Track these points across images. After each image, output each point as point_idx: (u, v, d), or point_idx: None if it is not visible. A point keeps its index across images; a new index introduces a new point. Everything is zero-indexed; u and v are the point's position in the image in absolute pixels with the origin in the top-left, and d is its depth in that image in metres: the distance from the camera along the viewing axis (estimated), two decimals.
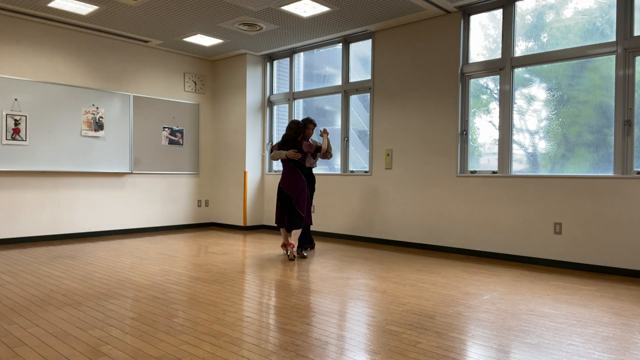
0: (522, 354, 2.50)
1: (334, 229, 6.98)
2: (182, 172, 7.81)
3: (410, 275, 4.40)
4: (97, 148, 6.75)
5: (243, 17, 5.94)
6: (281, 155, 5.28)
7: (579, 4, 4.94)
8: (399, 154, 6.24)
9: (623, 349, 2.59)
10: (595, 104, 4.85)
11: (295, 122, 5.40)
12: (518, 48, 5.35)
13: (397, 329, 2.88)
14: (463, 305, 3.42)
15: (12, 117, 5.98)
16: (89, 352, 2.46)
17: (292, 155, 5.23)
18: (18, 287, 3.85)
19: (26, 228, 6.21)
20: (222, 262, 4.96)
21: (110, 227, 7.01)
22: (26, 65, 6.21)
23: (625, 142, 4.59)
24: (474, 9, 5.58)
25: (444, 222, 5.80)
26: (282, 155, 5.27)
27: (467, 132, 5.70)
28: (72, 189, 6.61)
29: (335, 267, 4.76)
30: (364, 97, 6.86)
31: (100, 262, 4.90)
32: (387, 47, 6.35)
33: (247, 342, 2.62)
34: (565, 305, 3.45)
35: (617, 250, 4.55)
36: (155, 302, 3.42)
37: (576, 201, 4.79)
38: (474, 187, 5.54)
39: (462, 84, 5.71)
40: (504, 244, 5.29)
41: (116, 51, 7.05)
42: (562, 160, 5.06)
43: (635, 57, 4.57)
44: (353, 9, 5.61)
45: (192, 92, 8.02)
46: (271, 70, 8.04)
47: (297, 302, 3.46)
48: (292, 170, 5.31)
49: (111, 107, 6.92)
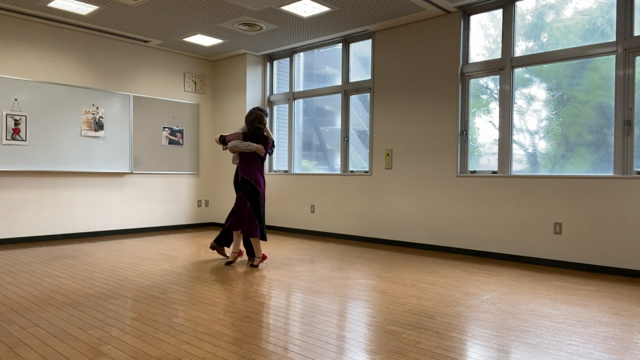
0: (522, 354, 2.50)
1: (334, 229, 6.98)
2: (182, 172, 7.81)
3: (410, 275, 4.40)
4: (97, 148, 6.75)
5: (243, 17, 5.94)
6: (250, 148, 4.74)
7: (579, 4, 4.94)
8: (399, 154, 6.24)
9: (623, 349, 2.58)
10: (595, 104, 4.85)
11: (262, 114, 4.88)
12: (518, 48, 5.35)
13: (397, 329, 2.88)
14: (463, 305, 3.42)
15: (12, 117, 5.98)
16: (89, 352, 2.46)
17: (261, 150, 4.77)
18: (18, 287, 3.85)
19: (26, 228, 6.21)
20: (222, 262, 4.96)
21: (110, 227, 7.01)
22: (26, 65, 6.21)
23: (625, 142, 4.59)
24: (474, 9, 5.58)
25: (444, 222, 5.80)
26: (252, 148, 4.74)
27: (467, 132, 5.70)
28: (72, 189, 6.61)
29: (335, 267, 4.76)
30: (364, 97, 6.86)
31: (100, 262, 4.90)
32: (387, 47, 6.34)
33: (247, 342, 2.62)
34: (565, 305, 3.45)
35: (617, 250, 4.55)
36: (155, 302, 3.42)
37: (576, 201, 4.79)
38: (474, 187, 5.54)
39: (462, 84, 5.71)
40: (504, 244, 5.29)
41: (116, 51, 7.05)
42: (562, 160, 5.06)
43: (635, 57, 4.57)
44: (353, 9, 5.61)
45: (192, 92, 8.02)
46: (271, 70, 8.04)
47: (297, 302, 3.46)
48: (256, 167, 4.81)
49: (111, 107, 6.92)
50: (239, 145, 4.74)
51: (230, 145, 4.78)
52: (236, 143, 4.75)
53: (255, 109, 4.92)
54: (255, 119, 4.83)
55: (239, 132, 4.91)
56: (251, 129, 4.83)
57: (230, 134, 4.92)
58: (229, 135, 4.91)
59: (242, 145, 4.74)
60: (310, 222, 7.30)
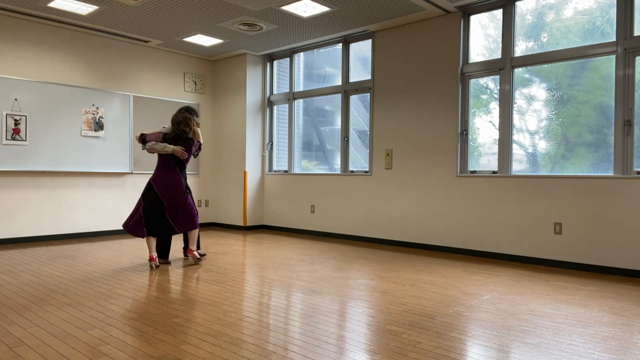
0: (522, 354, 2.50)
1: (334, 229, 6.98)
2: None
3: (410, 275, 4.40)
4: (97, 148, 6.75)
5: (243, 17, 5.94)
6: (167, 150, 4.60)
7: (579, 4, 4.94)
8: (399, 154, 6.24)
9: (623, 349, 2.58)
10: (595, 104, 4.85)
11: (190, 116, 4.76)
12: (518, 48, 5.35)
13: (397, 329, 2.88)
14: (463, 305, 3.42)
15: (12, 117, 5.98)
16: (89, 352, 2.46)
17: (180, 154, 4.64)
18: (18, 287, 3.85)
19: (26, 228, 6.21)
20: (222, 262, 4.96)
21: (110, 227, 7.01)
22: (26, 65, 6.21)
23: (625, 142, 4.59)
24: (474, 9, 5.58)
25: (443, 222, 5.80)
26: (169, 150, 4.60)
27: (467, 132, 5.70)
28: (72, 189, 6.61)
29: (335, 267, 4.76)
30: (364, 97, 6.86)
31: (100, 262, 4.90)
32: (387, 47, 6.35)
33: (247, 342, 2.62)
34: (565, 305, 3.45)
35: (617, 250, 4.55)
36: (155, 302, 3.42)
37: (576, 201, 4.79)
38: (474, 187, 5.54)
39: (462, 84, 5.71)
40: (504, 244, 5.29)
41: (116, 51, 7.05)
42: (562, 160, 5.06)
43: (635, 57, 4.57)
44: (353, 9, 5.61)
45: (192, 92, 8.02)
46: (271, 70, 8.04)
47: (297, 302, 3.46)
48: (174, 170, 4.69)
49: (111, 107, 6.92)
50: (156, 147, 4.63)
51: (148, 146, 4.65)
52: (153, 145, 4.63)
53: (183, 109, 4.81)
54: (181, 121, 4.72)
55: (160, 132, 4.75)
56: (175, 130, 4.71)
57: (151, 133, 4.75)
58: (149, 135, 4.73)
59: (159, 146, 4.62)
60: (310, 222, 7.30)
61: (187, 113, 4.77)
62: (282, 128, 8.01)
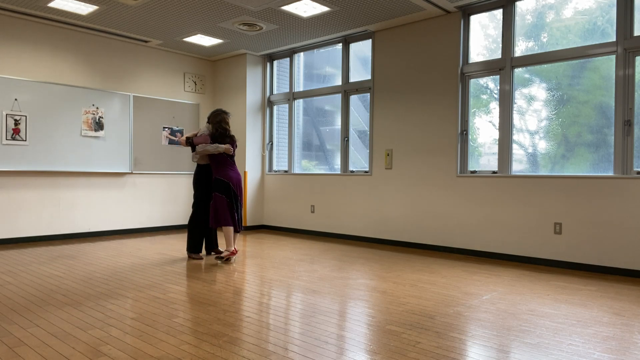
0: (522, 354, 2.50)
1: (334, 229, 6.98)
2: (182, 172, 7.80)
3: (410, 275, 4.40)
4: (97, 148, 6.75)
5: (243, 17, 5.94)
6: (219, 149, 4.85)
7: (579, 4, 4.94)
8: (399, 154, 6.24)
9: (623, 349, 2.58)
10: (595, 104, 4.85)
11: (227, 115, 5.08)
12: (518, 48, 5.35)
13: (397, 329, 2.88)
14: (463, 305, 3.42)
15: (12, 117, 5.98)
16: (89, 352, 2.46)
17: (230, 150, 4.92)
18: (18, 287, 3.85)
19: (26, 228, 6.21)
20: (222, 262, 4.96)
21: (110, 227, 7.01)
22: (26, 65, 6.21)
23: (625, 142, 4.59)
24: (474, 9, 5.58)
25: (444, 222, 5.80)
26: (221, 149, 4.85)
27: (467, 132, 5.70)
28: (72, 189, 6.61)
29: (335, 267, 4.76)
30: (364, 97, 6.86)
31: (100, 262, 4.90)
32: (387, 47, 6.35)
33: (247, 342, 2.62)
34: (565, 305, 3.45)
35: (617, 250, 4.55)
36: (155, 302, 3.42)
37: (576, 201, 4.79)
38: (474, 187, 5.54)
39: (462, 84, 5.71)
40: (504, 244, 5.29)
41: (116, 51, 7.05)
42: (562, 160, 5.06)
43: (635, 57, 4.57)
44: (353, 9, 5.61)
45: (192, 92, 8.02)
46: (271, 70, 8.04)
47: (297, 302, 3.46)
48: (233, 165, 5.01)
49: (111, 107, 6.92)
50: (208, 148, 4.85)
51: (199, 149, 4.87)
52: (205, 147, 4.85)
53: (218, 110, 5.12)
54: (221, 120, 5.02)
55: (206, 134, 4.98)
56: (218, 129, 4.98)
57: (197, 137, 4.98)
58: (196, 138, 4.97)
59: (211, 148, 4.85)
60: (310, 222, 7.30)
61: (224, 113, 5.08)
62: (282, 128, 8.01)
